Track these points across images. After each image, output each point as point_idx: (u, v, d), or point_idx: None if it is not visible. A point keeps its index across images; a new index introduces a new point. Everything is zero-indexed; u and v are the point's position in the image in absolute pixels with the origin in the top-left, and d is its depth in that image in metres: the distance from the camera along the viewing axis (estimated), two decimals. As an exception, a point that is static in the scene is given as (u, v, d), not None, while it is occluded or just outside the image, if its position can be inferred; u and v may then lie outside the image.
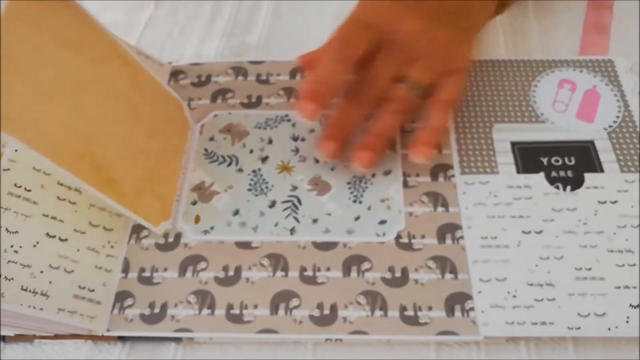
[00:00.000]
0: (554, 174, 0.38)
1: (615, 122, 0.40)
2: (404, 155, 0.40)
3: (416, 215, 0.37)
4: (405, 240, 0.36)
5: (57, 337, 0.34)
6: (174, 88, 0.45)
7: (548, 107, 0.41)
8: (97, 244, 0.36)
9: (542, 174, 0.38)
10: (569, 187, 0.37)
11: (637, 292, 0.33)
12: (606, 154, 0.38)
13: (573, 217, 0.36)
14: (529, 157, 0.39)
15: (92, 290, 0.35)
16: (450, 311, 0.33)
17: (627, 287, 0.33)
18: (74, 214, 0.36)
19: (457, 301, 0.34)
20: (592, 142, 0.39)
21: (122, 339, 0.35)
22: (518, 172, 0.38)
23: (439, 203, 0.38)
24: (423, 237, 0.36)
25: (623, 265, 0.34)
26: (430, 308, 0.33)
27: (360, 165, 0.38)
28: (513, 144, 0.39)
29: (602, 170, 0.38)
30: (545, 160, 0.38)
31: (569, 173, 0.38)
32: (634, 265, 0.34)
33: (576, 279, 0.34)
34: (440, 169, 0.39)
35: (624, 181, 0.37)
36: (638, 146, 0.39)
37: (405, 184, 0.39)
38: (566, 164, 0.38)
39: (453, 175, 0.39)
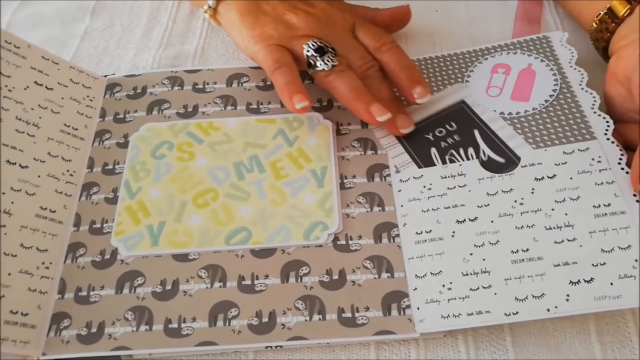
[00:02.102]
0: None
1: (551, 95, 0.39)
2: (340, 158, 0.40)
3: (353, 217, 0.37)
4: (342, 242, 0.36)
5: (-12, 365, 0.33)
6: (110, 101, 0.45)
7: (481, 95, 0.41)
8: (30, 266, 0.36)
9: (476, 161, 0.37)
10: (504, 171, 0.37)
11: (576, 268, 0.32)
12: None
13: (508, 198, 0.35)
14: None
15: (26, 314, 0.34)
16: (387, 310, 0.33)
17: (566, 263, 0.32)
18: (3, 237, 0.35)
19: (394, 300, 0.34)
20: None
21: (59, 361, 0.34)
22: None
23: (375, 203, 0.38)
24: (360, 237, 0.36)
25: (562, 241, 0.33)
26: (367, 308, 0.33)
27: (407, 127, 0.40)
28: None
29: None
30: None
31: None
32: (573, 239, 0.33)
33: (512, 262, 0.33)
34: (375, 169, 0.39)
35: (562, 153, 0.37)
36: (577, 115, 0.38)
37: (342, 186, 0.39)
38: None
39: (389, 175, 0.39)
